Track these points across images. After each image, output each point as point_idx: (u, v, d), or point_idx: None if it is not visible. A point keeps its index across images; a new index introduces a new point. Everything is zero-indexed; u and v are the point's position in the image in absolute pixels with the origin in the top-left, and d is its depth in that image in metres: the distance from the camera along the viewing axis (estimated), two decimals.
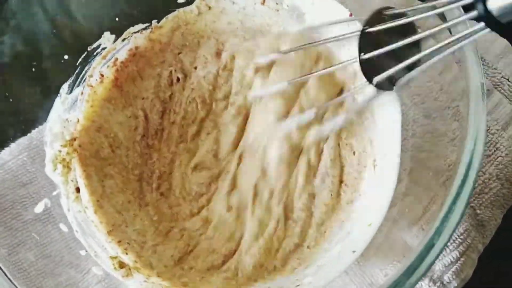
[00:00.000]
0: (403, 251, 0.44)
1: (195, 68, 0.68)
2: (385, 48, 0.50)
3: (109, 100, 0.64)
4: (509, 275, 0.67)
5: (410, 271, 0.40)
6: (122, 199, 0.62)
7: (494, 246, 0.65)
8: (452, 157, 0.49)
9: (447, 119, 0.53)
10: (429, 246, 0.41)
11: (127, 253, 0.58)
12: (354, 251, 0.52)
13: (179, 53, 0.68)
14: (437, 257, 0.41)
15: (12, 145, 0.63)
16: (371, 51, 0.52)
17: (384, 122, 0.59)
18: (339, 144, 0.63)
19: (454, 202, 0.42)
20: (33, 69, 0.61)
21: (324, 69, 0.61)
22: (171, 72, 0.67)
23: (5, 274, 0.51)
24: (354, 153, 0.62)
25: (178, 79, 0.67)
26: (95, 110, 0.63)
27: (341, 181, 0.62)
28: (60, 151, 0.60)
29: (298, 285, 0.54)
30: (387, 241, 0.51)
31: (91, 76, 0.64)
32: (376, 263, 0.50)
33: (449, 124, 0.52)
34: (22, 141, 0.64)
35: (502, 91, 0.66)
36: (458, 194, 0.42)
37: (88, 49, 0.64)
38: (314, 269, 0.55)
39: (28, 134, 0.64)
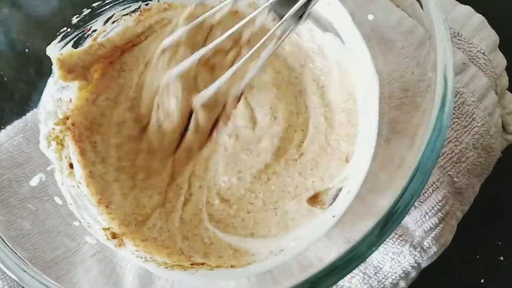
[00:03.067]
0: (378, 213, 0.46)
1: None
2: None
3: (103, 75, 0.66)
4: (488, 242, 0.70)
5: (380, 225, 0.43)
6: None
7: (474, 215, 0.68)
8: (425, 125, 0.51)
9: (421, 91, 0.55)
10: (398, 201, 0.44)
11: (113, 218, 0.61)
12: (333, 216, 0.55)
13: None
14: (404, 212, 0.43)
15: (8, 127, 0.65)
16: None
17: (363, 96, 0.62)
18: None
19: (423, 158, 0.45)
20: (27, 50, 0.63)
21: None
22: None
23: (7, 244, 0.53)
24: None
25: None
26: (88, 90, 0.65)
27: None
28: (53, 129, 0.62)
29: (282, 250, 0.56)
30: (363, 205, 0.54)
31: None
32: (354, 225, 0.53)
33: (423, 96, 0.54)
34: (17, 123, 0.65)
35: (478, 64, 0.68)
36: (425, 151, 0.45)
37: (79, 32, 0.65)
38: (296, 235, 0.58)
39: (23, 117, 0.65)
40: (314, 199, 0.61)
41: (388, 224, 0.43)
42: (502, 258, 0.69)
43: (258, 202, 0.63)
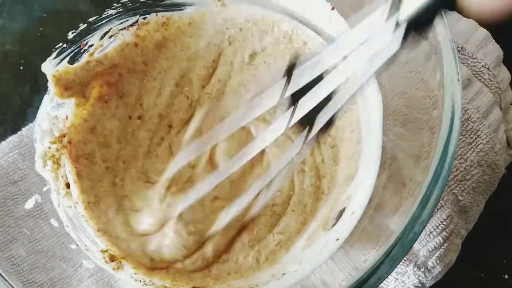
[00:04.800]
0: (385, 236, 0.45)
1: None
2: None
3: (100, 99, 0.64)
4: (493, 259, 0.69)
5: (389, 254, 0.42)
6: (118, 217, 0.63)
7: (478, 232, 0.67)
8: (432, 145, 0.50)
9: (427, 108, 0.54)
10: (407, 230, 0.42)
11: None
12: (337, 239, 0.53)
13: None
14: (414, 241, 0.42)
15: (3, 143, 0.64)
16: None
17: (366, 113, 0.61)
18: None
19: (429, 187, 0.44)
20: (21, 67, 0.61)
21: None
22: None
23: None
24: (333, 146, 0.63)
25: None
26: (85, 108, 0.63)
27: (323, 176, 0.64)
28: (49, 148, 0.61)
29: (284, 273, 0.55)
30: (370, 227, 0.53)
31: None
32: (360, 249, 0.51)
33: (429, 113, 0.53)
34: (12, 139, 0.64)
35: (483, 80, 0.67)
36: (433, 179, 0.44)
37: (75, 47, 0.64)
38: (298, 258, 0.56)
39: (18, 132, 0.64)
40: None
41: (398, 252, 0.42)
42: (506, 277, 0.68)
43: None
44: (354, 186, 0.59)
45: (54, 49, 0.62)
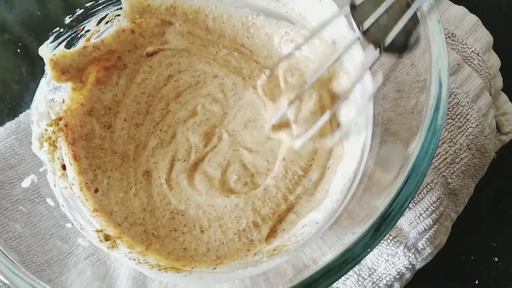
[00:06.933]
0: (372, 215, 0.46)
1: None
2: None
3: (98, 82, 0.65)
4: (482, 243, 0.70)
5: (374, 227, 0.43)
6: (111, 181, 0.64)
7: (468, 215, 0.68)
8: (420, 127, 0.51)
9: (416, 92, 0.54)
10: (393, 202, 0.43)
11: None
12: (317, 223, 0.54)
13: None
14: (399, 214, 0.43)
15: (0, 128, 0.65)
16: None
17: (357, 97, 0.62)
18: None
19: (416, 161, 0.45)
20: (19, 50, 0.62)
21: None
22: None
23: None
24: None
25: None
26: (82, 93, 0.64)
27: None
28: (46, 130, 0.62)
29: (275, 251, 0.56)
30: (358, 207, 0.53)
31: None
32: (348, 227, 0.52)
33: (418, 97, 0.54)
34: (9, 125, 0.65)
35: (472, 65, 0.68)
36: (420, 154, 0.45)
37: (72, 32, 0.65)
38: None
39: (16, 118, 0.65)
40: None
41: (383, 226, 0.43)
42: (496, 259, 0.69)
43: None
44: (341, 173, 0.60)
45: (51, 33, 0.62)
